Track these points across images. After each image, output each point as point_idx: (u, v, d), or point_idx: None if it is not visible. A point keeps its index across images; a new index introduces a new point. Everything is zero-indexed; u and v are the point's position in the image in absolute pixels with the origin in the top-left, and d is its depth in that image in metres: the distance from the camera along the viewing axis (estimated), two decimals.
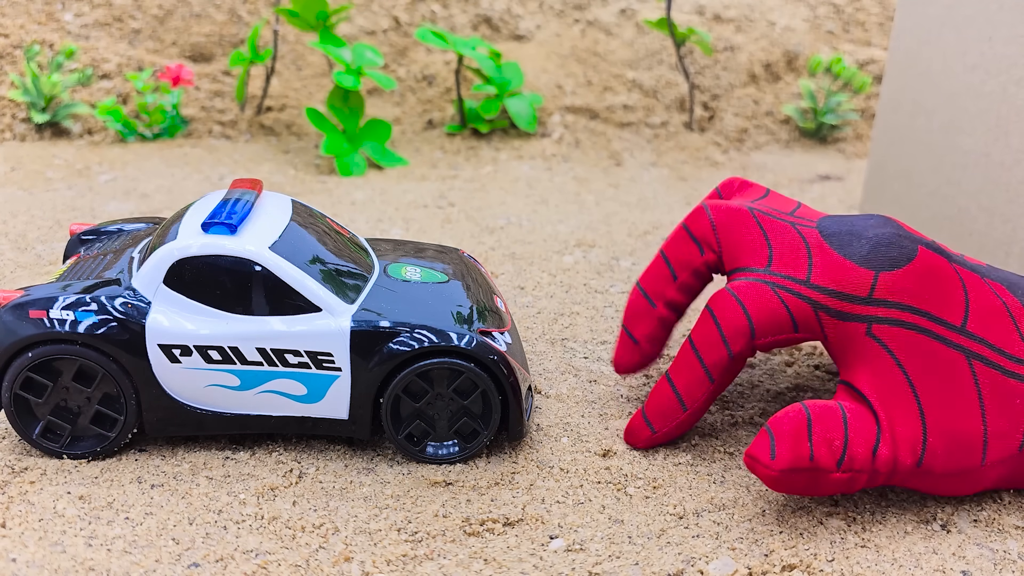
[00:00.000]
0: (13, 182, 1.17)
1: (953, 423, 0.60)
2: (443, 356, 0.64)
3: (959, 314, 0.62)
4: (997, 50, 0.89)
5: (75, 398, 0.64)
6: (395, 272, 0.71)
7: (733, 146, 1.50)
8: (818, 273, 0.63)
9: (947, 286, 0.63)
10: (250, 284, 0.63)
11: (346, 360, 0.64)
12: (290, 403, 0.65)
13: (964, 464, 0.60)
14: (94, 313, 0.62)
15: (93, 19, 1.56)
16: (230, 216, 0.64)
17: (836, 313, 0.62)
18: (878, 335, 0.61)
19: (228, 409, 0.65)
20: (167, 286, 0.63)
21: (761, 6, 1.76)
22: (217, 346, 0.63)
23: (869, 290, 0.62)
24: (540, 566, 0.57)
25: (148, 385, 0.64)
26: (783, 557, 0.58)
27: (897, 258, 0.63)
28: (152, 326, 0.62)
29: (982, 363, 0.61)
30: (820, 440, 0.59)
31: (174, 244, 0.63)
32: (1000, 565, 0.59)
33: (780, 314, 0.63)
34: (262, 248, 0.63)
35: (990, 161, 0.90)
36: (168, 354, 0.63)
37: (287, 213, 0.68)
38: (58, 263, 0.95)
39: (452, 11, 1.69)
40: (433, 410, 0.65)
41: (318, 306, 0.63)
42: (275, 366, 0.64)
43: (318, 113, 1.31)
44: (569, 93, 1.54)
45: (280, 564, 0.56)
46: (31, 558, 0.55)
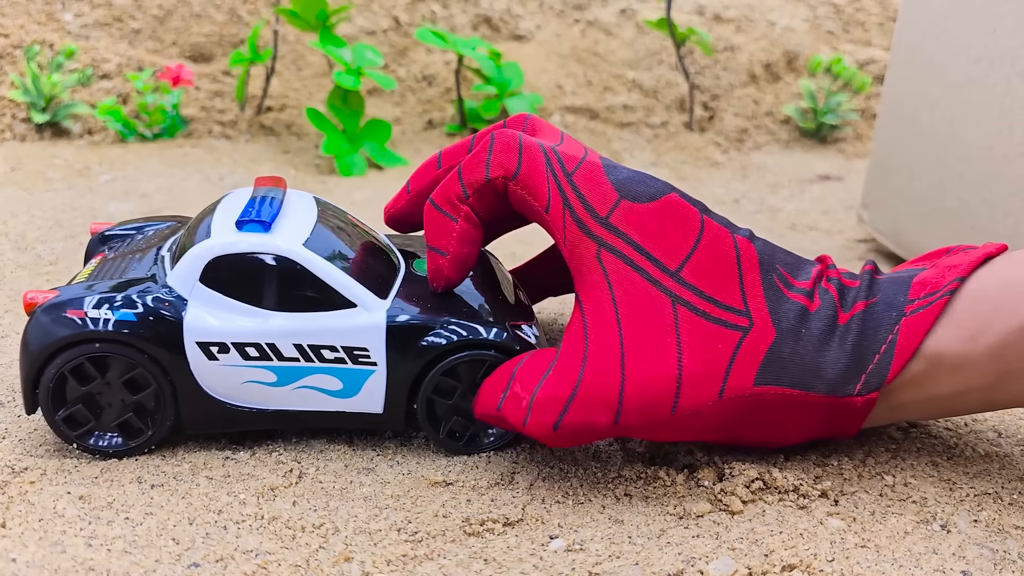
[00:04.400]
0: (13, 182, 1.17)
1: (648, 371, 0.60)
2: (476, 349, 0.65)
3: (678, 260, 0.62)
4: (1001, 43, 0.89)
5: (113, 396, 0.64)
6: (420, 267, 0.71)
7: (733, 146, 1.50)
8: (580, 174, 0.64)
9: (681, 229, 0.63)
10: (286, 281, 0.63)
11: (381, 355, 0.64)
12: (326, 398, 0.65)
13: (655, 416, 0.60)
14: (131, 311, 0.62)
15: (93, 19, 1.56)
16: (262, 213, 0.64)
17: (578, 221, 0.62)
18: (604, 262, 0.62)
19: (265, 405, 0.65)
20: (203, 284, 0.63)
21: (761, 6, 1.76)
22: (254, 343, 0.63)
23: (608, 212, 0.62)
24: (540, 566, 0.57)
25: (186, 383, 0.64)
26: (783, 557, 0.58)
27: (643, 193, 0.63)
28: (189, 324, 0.62)
29: (687, 308, 0.61)
30: (512, 395, 0.61)
31: (209, 242, 0.63)
32: (1000, 565, 0.59)
33: (541, 179, 0.63)
34: (296, 245, 0.63)
35: (993, 155, 0.90)
36: (206, 351, 0.63)
37: (313, 210, 0.68)
38: (58, 263, 0.95)
39: (452, 11, 1.69)
40: (468, 403, 0.66)
41: (353, 302, 0.64)
42: (311, 362, 0.64)
43: (318, 113, 1.31)
44: (569, 93, 1.54)
45: (280, 564, 0.56)
46: (31, 558, 0.55)
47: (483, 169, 0.64)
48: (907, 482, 0.67)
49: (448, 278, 0.66)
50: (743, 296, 0.62)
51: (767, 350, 0.61)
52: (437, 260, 0.66)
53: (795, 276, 0.65)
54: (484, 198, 0.65)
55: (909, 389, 0.63)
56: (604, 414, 0.59)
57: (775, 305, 0.62)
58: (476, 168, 0.65)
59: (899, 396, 0.63)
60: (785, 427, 0.64)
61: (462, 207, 0.65)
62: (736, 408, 0.61)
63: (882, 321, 0.62)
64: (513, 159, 0.64)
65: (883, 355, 0.61)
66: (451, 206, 0.65)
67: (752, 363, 0.61)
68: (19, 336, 0.80)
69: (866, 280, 0.65)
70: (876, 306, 0.63)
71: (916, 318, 0.62)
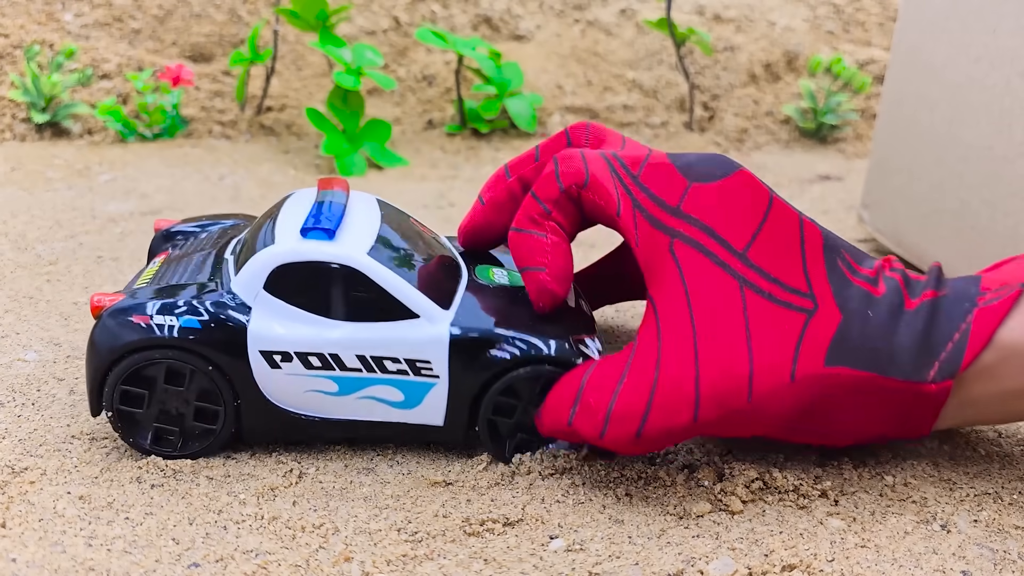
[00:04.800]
0: (13, 182, 1.17)
1: (721, 360, 0.59)
2: (539, 364, 0.64)
3: (745, 239, 0.62)
4: (1001, 42, 0.89)
5: (176, 402, 0.64)
6: (483, 274, 0.70)
7: (733, 146, 1.50)
8: (646, 173, 0.64)
9: (750, 207, 0.63)
10: (349, 290, 0.62)
11: (444, 367, 0.63)
12: (387, 409, 0.65)
13: (732, 405, 0.59)
14: (196, 318, 0.62)
15: (93, 19, 1.56)
16: (327, 220, 0.63)
17: (650, 219, 0.63)
18: (677, 253, 0.62)
19: (326, 415, 0.65)
20: (267, 292, 0.62)
21: (761, 6, 1.76)
22: (317, 352, 0.62)
23: (679, 200, 0.63)
24: (540, 566, 0.57)
25: (248, 390, 0.63)
26: (783, 557, 0.58)
27: (714, 172, 0.64)
28: (253, 332, 0.62)
29: (754, 291, 0.61)
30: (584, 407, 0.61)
31: (273, 249, 0.62)
32: (1000, 565, 0.59)
33: (609, 184, 0.64)
34: (360, 254, 0.62)
35: (993, 155, 0.90)
36: (269, 360, 0.62)
37: (377, 215, 0.67)
38: (58, 263, 0.95)
39: (452, 11, 1.69)
40: (529, 419, 0.65)
41: (416, 312, 0.63)
42: (373, 372, 0.63)
43: (318, 113, 1.31)
44: (569, 93, 1.54)
45: (280, 564, 0.56)
46: (31, 558, 0.55)
47: (556, 183, 0.65)
48: (907, 482, 0.67)
49: (553, 292, 0.65)
50: (807, 278, 0.62)
51: (835, 332, 0.61)
52: (538, 277, 0.65)
53: (859, 263, 0.65)
54: (565, 210, 0.65)
55: (982, 380, 0.62)
56: (683, 413, 0.59)
57: (840, 288, 0.62)
58: (549, 185, 0.65)
59: (971, 388, 0.62)
60: (858, 418, 0.63)
61: (547, 222, 0.65)
62: (809, 391, 0.60)
63: (954, 310, 0.62)
64: (580, 168, 0.65)
65: (956, 343, 0.61)
66: (536, 224, 0.65)
67: (820, 345, 0.60)
68: (19, 336, 0.81)
69: (934, 274, 0.65)
70: (946, 297, 0.63)
71: (989, 308, 0.61)
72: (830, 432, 0.64)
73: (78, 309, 0.86)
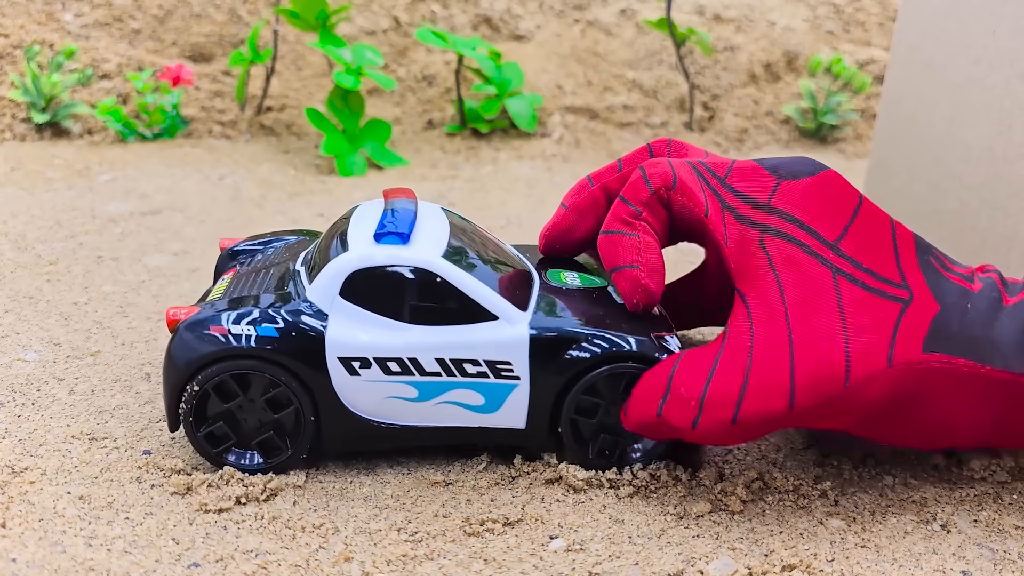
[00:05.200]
0: (13, 182, 1.17)
1: (816, 347, 0.59)
2: (622, 362, 0.63)
3: (836, 232, 0.63)
4: (1001, 44, 0.89)
5: (255, 414, 0.63)
6: (554, 278, 0.69)
7: (733, 146, 1.50)
8: (734, 175, 0.65)
9: (840, 204, 0.63)
10: (426, 293, 0.62)
11: (525, 369, 0.63)
12: (467, 413, 0.64)
13: (828, 391, 0.59)
14: (273, 327, 0.61)
15: (93, 19, 1.56)
16: (400, 225, 0.63)
17: (740, 217, 0.63)
18: (767, 246, 0.62)
19: (405, 421, 0.64)
20: (343, 298, 0.62)
21: (761, 6, 1.76)
22: (396, 357, 0.62)
23: (769, 196, 0.63)
24: (540, 566, 0.58)
25: (327, 398, 0.62)
26: (783, 557, 0.58)
27: (802, 171, 0.64)
28: (331, 338, 0.61)
29: (847, 280, 0.61)
30: (675, 396, 0.60)
31: (349, 255, 0.62)
32: (1000, 565, 0.59)
33: (696, 187, 0.64)
34: (436, 257, 0.62)
35: (993, 155, 0.90)
36: (348, 367, 0.62)
37: (445, 221, 0.67)
38: (58, 263, 0.95)
39: (452, 11, 1.69)
40: (612, 418, 0.65)
41: (495, 314, 0.62)
42: (453, 376, 0.62)
43: (318, 113, 1.31)
44: (569, 93, 1.54)
45: (280, 564, 0.56)
46: (31, 558, 0.55)
47: (645, 186, 0.65)
48: (907, 482, 0.67)
49: (647, 288, 0.64)
50: (900, 271, 0.62)
51: (932, 321, 0.60)
52: (632, 273, 0.64)
53: (952, 263, 0.65)
54: (655, 211, 0.66)
55: None
56: (779, 399, 0.58)
57: (935, 282, 0.62)
58: (639, 188, 0.65)
59: None
60: (955, 412, 0.62)
61: (638, 222, 0.65)
62: (907, 377, 0.59)
63: None
64: (668, 171, 0.65)
65: None
66: (627, 224, 0.65)
67: (917, 333, 0.60)
68: (19, 336, 0.81)
69: None
70: None
71: None
72: (926, 427, 0.63)
73: (78, 309, 0.86)
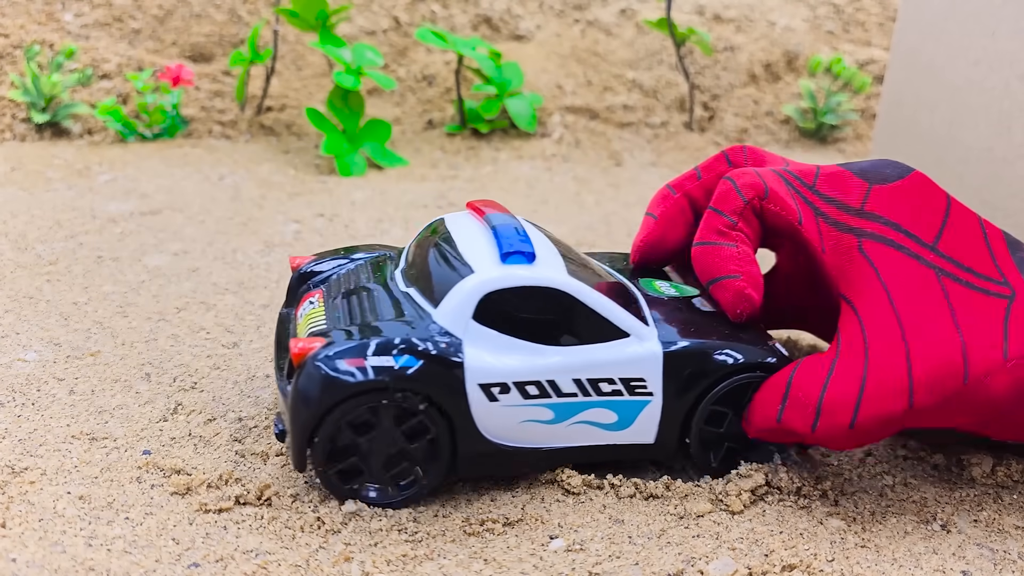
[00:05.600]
0: (13, 182, 1.17)
1: (932, 345, 0.59)
2: (750, 371, 0.63)
3: (932, 233, 0.63)
4: (1000, 45, 0.89)
5: (389, 446, 0.60)
6: (649, 287, 0.69)
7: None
8: (822, 181, 0.65)
9: (931, 205, 0.64)
10: (560, 313, 0.61)
11: (658, 384, 0.62)
12: (600, 432, 0.63)
13: (948, 388, 0.59)
14: (413, 356, 0.58)
15: (93, 19, 1.56)
16: (522, 244, 0.61)
17: (834, 223, 0.63)
18: (867, 251, 0.62)
19: (538, 444, 0.63)
20: (477, 321, 0.60)
21: (761, 6, 1.76)
22: (535, 380, 0.60)
23: (862, 201, 0.63)
24: (540, 566, 0.57)
25: (465, 425, 0.60)
26: (783, 557, 0.58)
27: (891, 175, 0.65)
28: (470, 365, 0.59)
29: (951, 279, 0.61)
30: (794, 402, 0.60)
31: (478, 277, 0.60)
32: (1000, 565, 0.59)
33: (787, 196, 0.65)
34: (565, 276, 0.61)
35: (993, 156, 0.90)
36: (487, 393, 0.60)
37: (542, 234, 0.66)
38: (58, 263, 0.95)
39: (452, 11, 1.69)
40: (736, 427, 0.64)
41: (626, 332, 0.62)
42: (589, 396, 0.61)
43: (318, 113, 1.31)
44: (569, 93, 1.54)
45: (280, 564, 0.56)
46: (31, 558, 0.55)
47: (737, 196, 0.65)
48: (907, 482, 0.67)
49: (751, 299, 0.64)
50: (998, 268, 0.62)
51: None
52: (735, 284, 0.64)
53: None
54: (749, 221, 0.66)
55: None
56: (898, 400, 0.58)
57: None
58: (731, 198, 0.66)
59: None
60: None
61: (734, 232, 0.65)
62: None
63: None
64: (759, 182, 0.65)
65: None
66: (723, 235, 0.65)
67: None
68: (19, 336, 0.81)
69: None
70: None
71: None
72: None
73: (78, 309, 0.86)
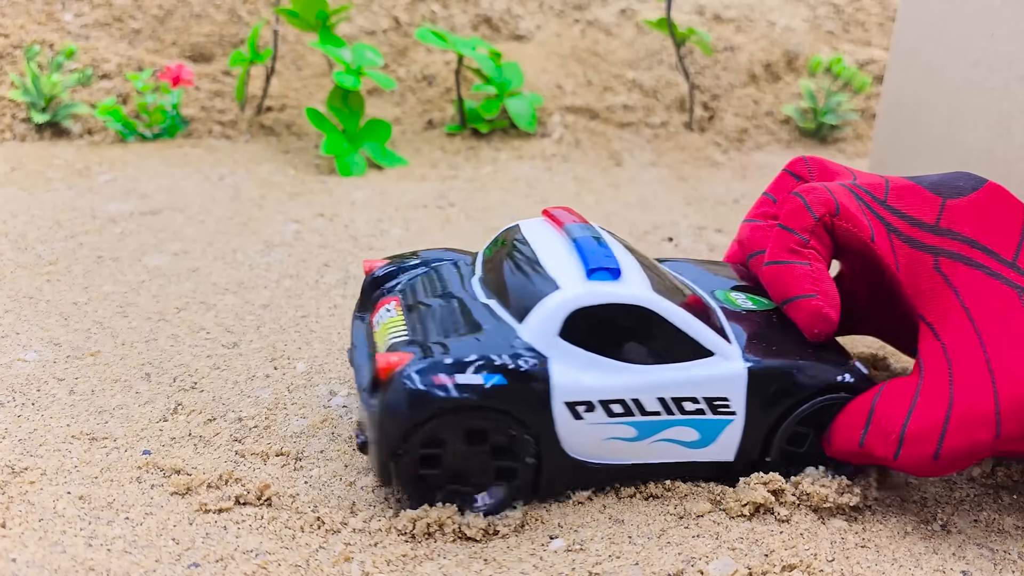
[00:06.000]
0: (13, 182, 1.17)
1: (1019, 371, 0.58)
2: (834, 392, 0.62)
3: (1011, 249, 0.62)
4: (999, 46, 0.89)
5: (475, 462, 0.60)
6: (725, 299, 0.68)
7: (733, 146, 1.50)
8: (894, 196, 0.64)
9: (1008, 218, 0.63)
10: (646, 332, 0.60)
11: (741, 404, 0.62)
12: (681, 450, 0.63)
13: None
14: (501, 374, 0.58)
15: (93, 19, 1.56)
16: (606, 259, 0.60)
17: (908, 240, 0.63)
18: (944, 270, 0.61)
19: (620, 461, 0.62)
20: (563, 339, 0.59)
21: (761, 6, 1.76)
22: (620, 399, 0.60)
23: (936, 217, 0.62)
24: (540, 566, 0.57)
25: (549, 444, 0.60)
26: (783, 557, 0.58)
27: (965, 187, 0.63)
28: (557, 383, 0.59)
29: None
30: (876, 428, 0.59)
31: (564, 294, 0.59)
32: (1000, 565, 0.59)
33: (858, 212, 0.64)
34: (651, 293, 0.60)
35: (993, 157, 0.90)
36: (572, 411, 0.59)
37: (621, 245, 0.65)
38: (58, 263, 0.95)
39: (452, 11, 1.69)
40: (816, 447, 0.64)
41: (711, 350, 0.61)
42: (672, 414, 0.61)
43: (318, 113, 1.31)
44: (569, 93, 1.54)
45: (280, 564, 0.56)
46: (31, 558, 0.55)
47: (808, 214, 0.65)
48: (907, 482, 0.67)
49: (829, 317, 0.64)
50: None
51: None
52: (812, 304, 0.64)
53: None
54: (821, 238, 0.65)
55: None
56: (984, 430, 0.57)
57: None
58: (801, 216, 0.65)
59: None
60: None
61: (807, 251, 0.65)
62: None
63: None
64: (829, 198, 0.64)
65: None
66: (795, 254, 0.65)
67: None
68: (19, 336, 0.81)
69: None
70: None
71: None
72: None
73: (78, 309, 0.86)
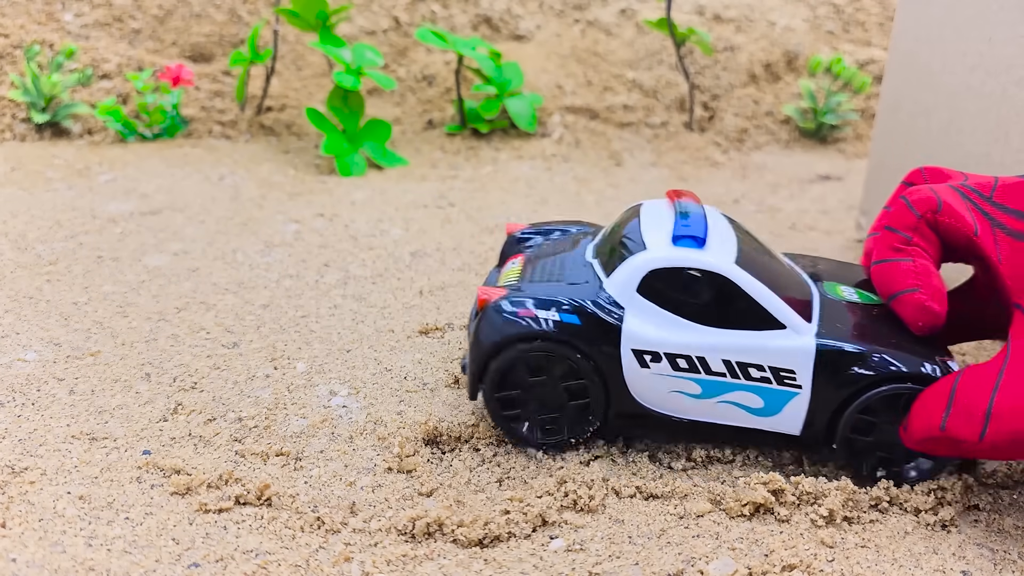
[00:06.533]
0: (13, 182, 1.17)
1: None
2: (903, 382, 0.63)
3: None
4: (997, 51, 0.89)
5: (548, 394, 0.66)
6: (831, 291, 0.70)
7: (733, 146, 1.50)
8: (1001, 193, 0.66)
9: None
10: (718, 297, 0.64)
11: (808, 379, 0.64)
12: (745, 415, 0.66)
13: None
14: (576, 315, 0.65)
15: (93, 19, 1.56)
16: (696, 229, 0.65)
17: (1013, 233, 0.63)
18: None
19: (685, 415, 0.66)
20: (640, 294, 0.65)
21: (761, 6, 1.76)
22: (685, 355, 0.64)
23: None
24: (540, 566, 0.58)
25: (617, 386, 0.66)
26: (783, 557, 0.58)
27: None
28: (627, 330, 0.64)
29: None
30: (959, 409, 0.59)
31: (647, 254, 0.65)
32: (1000, 565, 0.59)
33: (962, 208, 0.65)
34: (729, 263, 0.64)
35: (990, 162, 0.90)
36: (639, 358, 0.65)
37: (731, 228, 0.69)
38: (58, 263, 0.95)
39: (452, 11, 1.69)
40: (888, 437, 0.65)
41: (783, 323, 0.64)
42: (737, 378, 0.64)
43: (318, 113, 1.31)
44: (569, 93, 1.54)
45: (280, 564, 0.56)
46: (31, 558, 0.55)
47: (910, 212, 0.66)
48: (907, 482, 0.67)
49: (934, 311, 0.64)
50: None
51: None
52: (913, 298, 0.65)
53: None
54: (925, 236, 0.66)
55: None
56: None
57: None
58: (904, 215, 0.66)
59: None
60: None
61: (910, 248, 0.66)
62: None
63: None
64: (931, 196, 0.66)
65: None
66: (898, 251, 0.66)
67: None
68: (19, 336, 0.81)
69: None
70: None
71: None
72: None
73: (78, 309, 0.86)
